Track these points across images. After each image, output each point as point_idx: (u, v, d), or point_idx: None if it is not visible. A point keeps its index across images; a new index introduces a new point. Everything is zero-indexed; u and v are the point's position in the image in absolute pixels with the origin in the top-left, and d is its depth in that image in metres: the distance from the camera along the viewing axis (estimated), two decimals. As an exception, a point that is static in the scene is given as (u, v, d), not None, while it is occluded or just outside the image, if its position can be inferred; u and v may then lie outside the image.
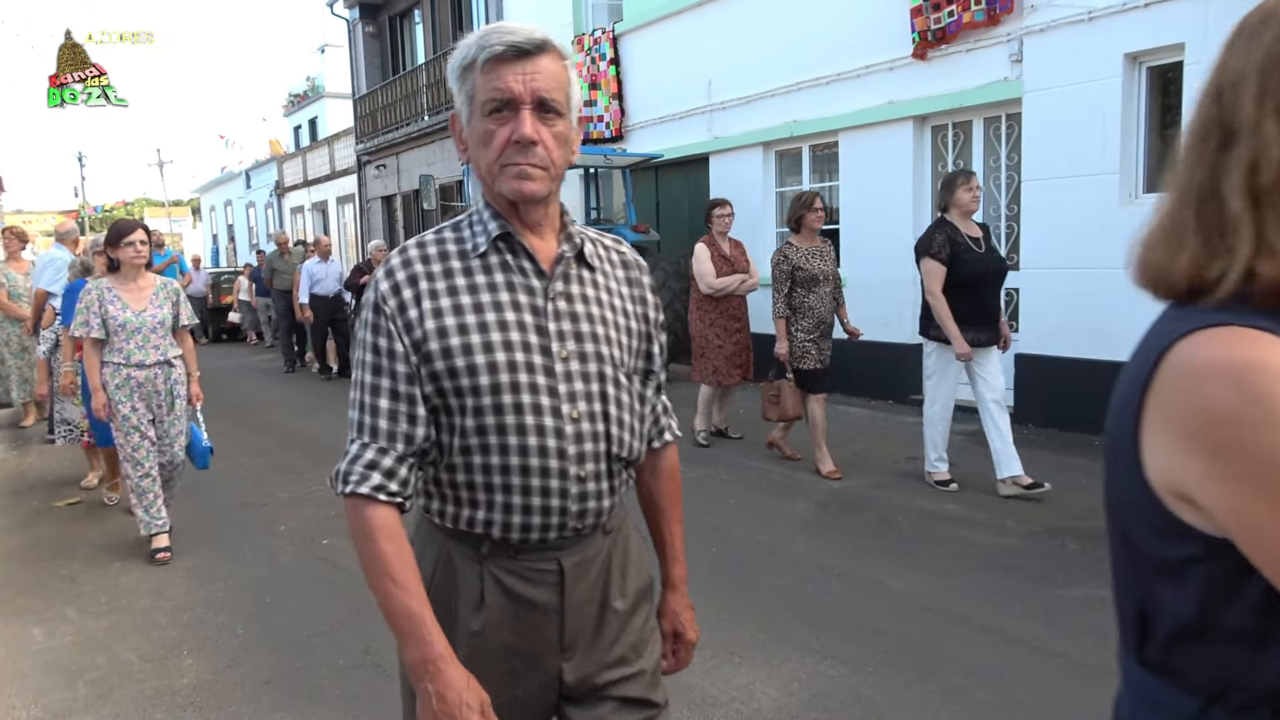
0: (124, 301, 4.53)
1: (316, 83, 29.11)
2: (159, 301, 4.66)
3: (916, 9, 7.50)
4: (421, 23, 17.71)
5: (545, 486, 1.36)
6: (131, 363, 4.51)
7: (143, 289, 4.62)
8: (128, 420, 4.54)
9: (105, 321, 4.47)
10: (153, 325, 4.58)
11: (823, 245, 5.89)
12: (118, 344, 4.51)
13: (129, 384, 4.53)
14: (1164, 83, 6.33)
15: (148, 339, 4.57)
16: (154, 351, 4.59)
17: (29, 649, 3.68)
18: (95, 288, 4.50)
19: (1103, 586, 3.86)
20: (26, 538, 5.19)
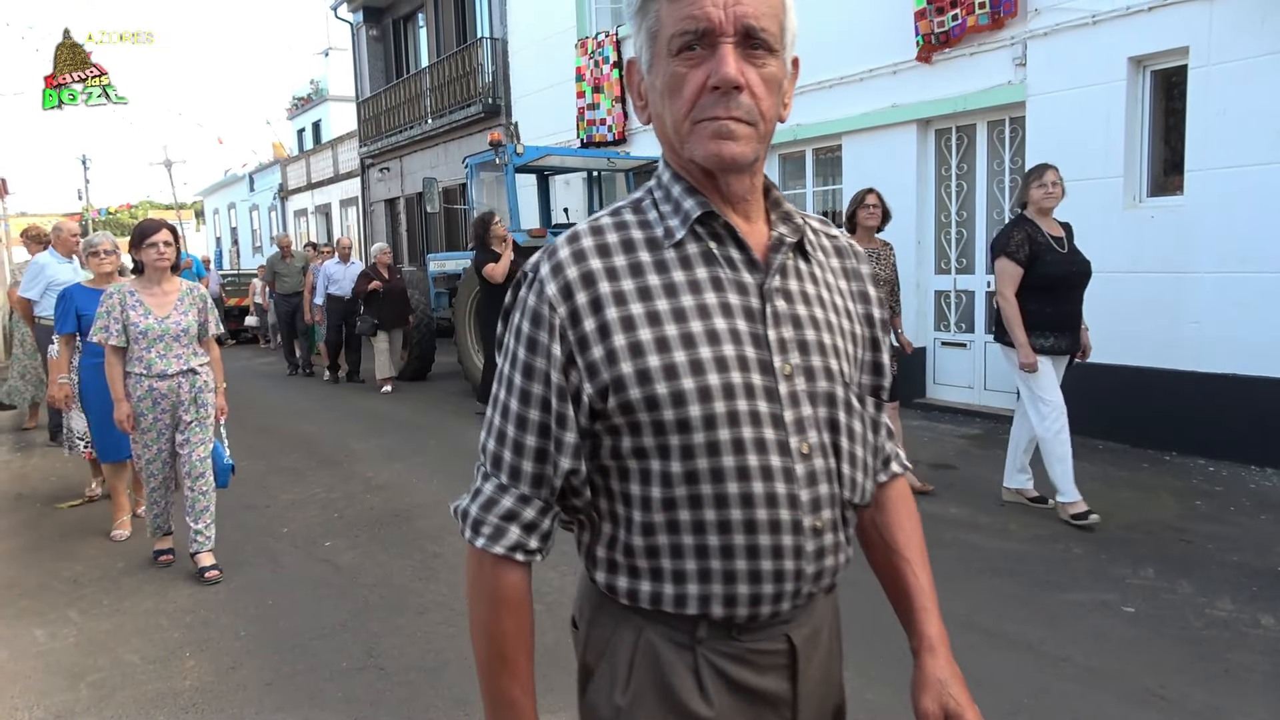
0: (146, 307, 4.28)
1: (320, 86, 29.18)
2: (184, 308, 4.39)
3: (920, 12, 7.51)
4: (425, 26, 17.74)
5: (777, 545, 1.06)
6: (153, 373, 4.26)
7: (167, 294, 4.36)
8: (147, 433, 4.34)
9: (126, 328, 4.23)
10: (176, 333, 4.30)
11: (880, 247, 5.33)
12: (138, 352, 4.26)
13: (151, 395, 4.28)
14: (1168, 86, 6.33)
15: (170, 347, 4.30)
16: (177, 361, 4.32)
17: (31, 650, 3.68)
18: (117, 291, 4.27)
19: (1106, 590, 3.86)
20: (30, 539, 5.19)
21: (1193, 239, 6.01)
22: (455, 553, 4.66)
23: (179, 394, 4.34)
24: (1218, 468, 5.77)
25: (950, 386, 8.03)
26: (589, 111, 11.90)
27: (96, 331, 4.23)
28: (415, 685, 3.25)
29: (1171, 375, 6.12)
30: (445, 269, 11.00)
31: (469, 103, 14.94)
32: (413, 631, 3.71)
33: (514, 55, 13.96)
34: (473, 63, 14.77)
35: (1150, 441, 6.22)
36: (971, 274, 7.78)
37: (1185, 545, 4.40)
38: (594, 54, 11.71)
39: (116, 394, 4.29)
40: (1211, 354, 5.97)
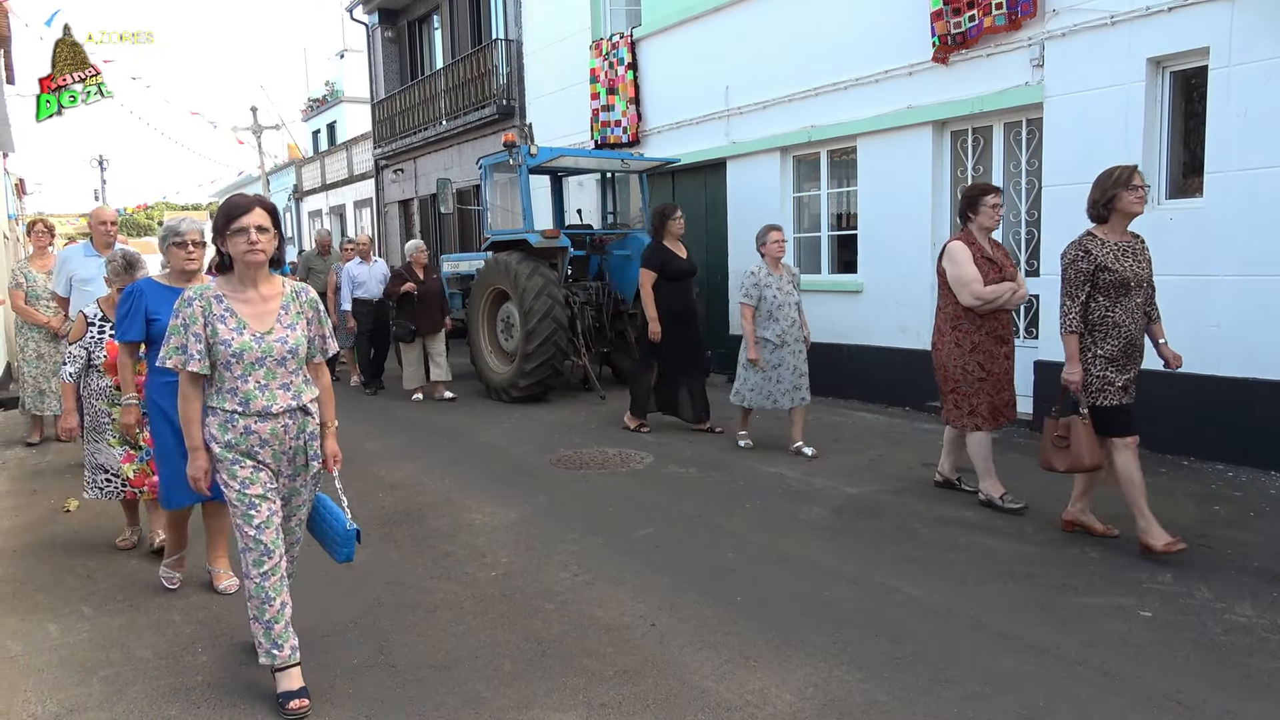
0: (240, 319, 3.09)
1: (335, 87, 29.31)
2: (290, 319, 3.18)
3: (936, 13, 7.47)
4: (440, 28, 17.80)
5: None
6: (251, 410, 3.06)
7: (267, 300, 3.16)
8: (246, 494, 3.08)
9: (211, 348, 3.06)
10: (282, 355, 3.11)
11: (1135, 241, 4.67)
12: (229, 382, 3.07)
13: (246, 441, 3.08)
14: (1188, 88, 6.27)
15: (274, 375, 3.11)
16: (284, 394, 3.12)
17: (45, 645, 3.69)
18: (198, 296, 3.08)
19: (1124, 595, 3.81)
20: (43, 535, 5.22)
21: (1212, 241, 5.95)
22: (466, 552, 4.66)
23: (284, 440, 3.15)
24: (1237, 473, 5.71)
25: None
26: (603, 113, 11.89)
27: (171, 354, 3.06)
28: (425, 683, 3.24)
29: (1190, 379, 6.05)
30: (459, 270, 11.01)
31: (483, 104, 14.97)
32: (423, 630, 3.71)
33: (528, 57, 13.98)
34: (487, 64, 14.80)
35: (1169, 446, 6.16)
36: (987, 276, 7.72)
37: (1204, 550, 4.35)
38: (609, 55, 11.71)
39: (194, 440, 3.12)
40: (1231, 358, 5.91)
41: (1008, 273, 5.14)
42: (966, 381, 5.08)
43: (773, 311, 6.44)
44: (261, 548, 3.09)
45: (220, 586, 4.23)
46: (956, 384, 5.12)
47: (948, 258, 5.11)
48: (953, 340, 5.12)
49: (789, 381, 6.47)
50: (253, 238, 3.03)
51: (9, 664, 3.52)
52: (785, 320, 6.44)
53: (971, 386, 5.08)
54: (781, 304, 6.43)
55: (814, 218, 9.55)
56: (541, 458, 6.75)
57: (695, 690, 3.12)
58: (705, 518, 5.15)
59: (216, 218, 3.09)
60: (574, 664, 3.36)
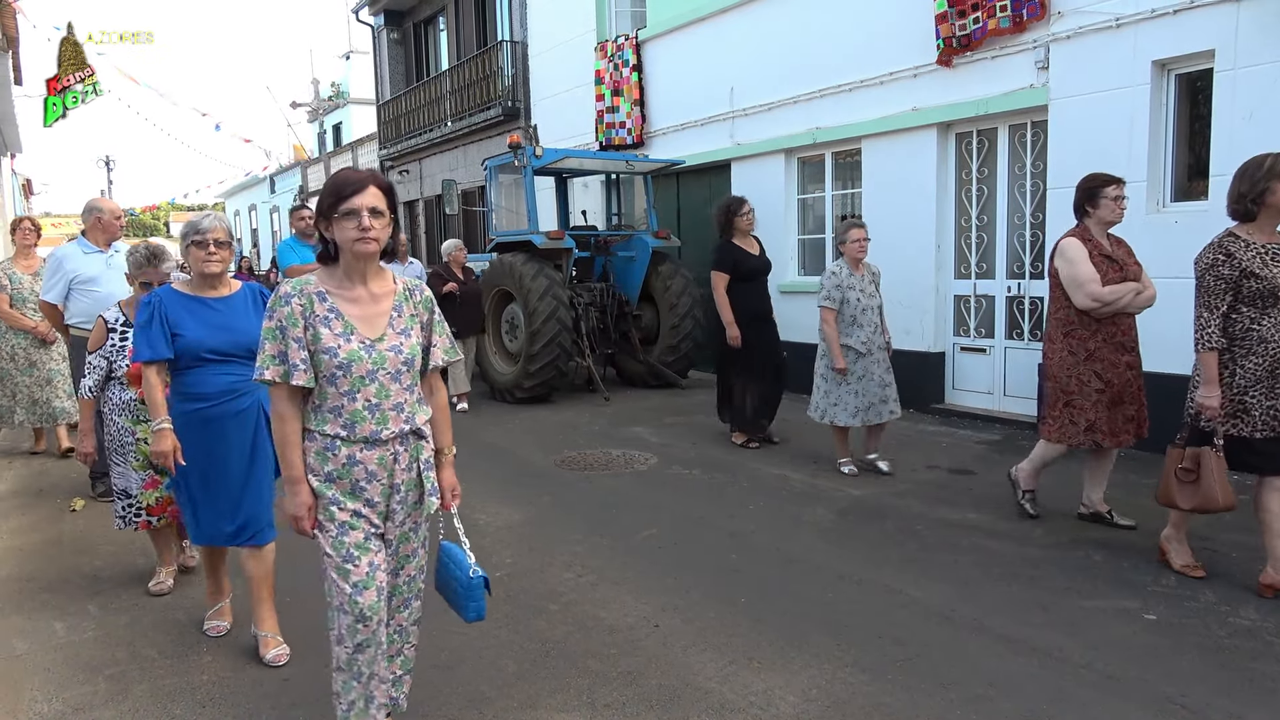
0: (348, 322, 2.50)
1: (341, 88, 29.37)
2: (404, 322, 2.59)
3: (941, 15, 7.47)
4: (446, 30, 17.83)
5: None
6: (358, 436, 2.48)
7: (378, 299, 2.57)
8: (343, 544, 2.49)
9: (315, 356, 2.47)
10: (396, 367, 2.53)
11: None
12: (333, 399, 2.48)
13: (350, 474, 2.49)
14: (1193, 90, 6.26)
15: (386, 391, 2.51)
16: (395, 415, 2.53)
17: (51, 643, 3.70)
18: (297, 293, 2.48)
19: (1128, 598, 3.81)
20: (50, 534, 5.23)
21: (1217, 244, 5.93)
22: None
23: (394, 472, 2.56)
24: (1242, 476, 5.68)
25: (969, 392, 7.97)
26: (608, 114, 11.91)
27: (266, 364, 2.45)
28: (431, 683, 3.25)
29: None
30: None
31: (488, 105, 15.00)
32: (428, 630, 3.70)
33: (534, 59, 14.00)
34: (492, 66, 14.82)
35: (1172, 449, 6.14)
36: (991, 279, 7.72)
37: (1208, 553, 4.34)
38: (614, 57, 11.73)
39: (294, 469, 2.49)
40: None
41: (1130, 272, 4.57)
42: (1083, 394, 4.52)
43: (856, 316, 5.82)
44: (358, 611, 2.47)
45: (267, 657, 3.46)
46: (1070, 396, 4.56)
47: (1060, 255, 4.59)
48: (1065, 348, 4.58)
49: (875, 394, 5.85)
50: (364, 222, 2.42)
51: (15, 662, 3.53)
52: (869, 326, 5.84)
53: (1088, 399, 4.52)
54: (865, 308, 5.84)
55: (818, 219, 9.55)
56: (546, 459, 6.76)
57: (699, 691, 3.13)
58: (709, 519, 5.15)
59: (322, 196, 2.52)
60: (578, 665, 3.37)
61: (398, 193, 20.01)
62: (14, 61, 9.62)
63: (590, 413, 8.65)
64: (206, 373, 3.43)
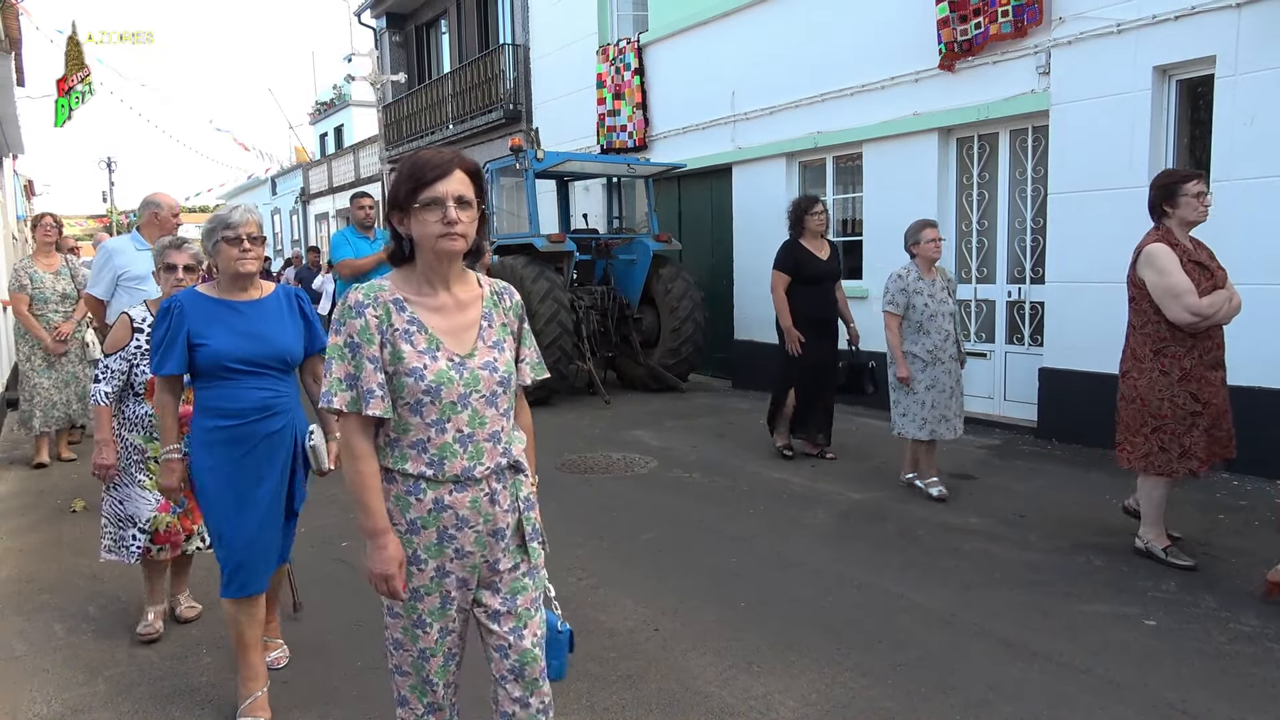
0: (433, 335, 2.06)
1: (343, 91, 29.40)
2: (495, 334, 2.15)
3: (943, 20, 7.48)
4: (448, 32, 17.87)
5: None
6: (447, 474, 2.03)
7: (464, 307, 2.14)
8: (415, 609, 2.09)
9: (394, 379, 2.01)
10: (491, 389, 2.08)
11: None
12: (417, 431, 2.03)
13: (437, 522, 2.04)
14: (1194, 96, 6.27)
15: (480, 418, 2.06)
16: (491, 447, 2.08)
17: (50, 644, 3.70)
18: (371, 300, 2.03)
19: (1128, 603, 3.81)
20: (50, 535, 5.23)
21: (1218, 249, 5.86)
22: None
23: (491, 517, 2.09)
24: (1242, 482, 5.70)
25: (970, 396, 7.93)
26: (609, 118, 11.92)
27: (334, 391, 1.99)
28: (430, 686, 3.24)
29: (1195, 387, 6.04)
30: None
31: (490, 108, 15.02)
32: (428, 632, 3.71)
33: (535, 62, 14.01)
34: (494, 69, 14.85)
35: (1173, 454, 6.14)
36: (992, 283, 7.73)
37: (1209, 559, 4.34)
38: (615, 60, 11.74)
39: (377, 522, 2.01)
40: (1237, 366, 5.84)
41: (1219, 278, 4.17)
42: (1177, 418, 4.10)
43: (923, 323, 5.39)
44: (421, 679, 2.15)
45: (268, 660, 3.35)
46: (1163, 421, 4.13)
47: (1148, 264, 4.15)
48: (1156, 368, 4.14)
49: (948, 406, 5.43)
50: (450, 214, 1.98)
51: (15, 663, 3.53)
52: (938, 334, 5.38)
53: (1183, 423, 4.10)
54: (934, 314, 5.38)
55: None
56: (546, 462, 6.76)
57: (699, 695, 3.12)
58: (709, 522, 5.15)
59: (398, 182, 2.03)
60: (578, 668, 3.36)
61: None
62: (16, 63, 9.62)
63: (591, 416, 8.65)
64: (235, 386, 2.95)
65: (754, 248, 9.92)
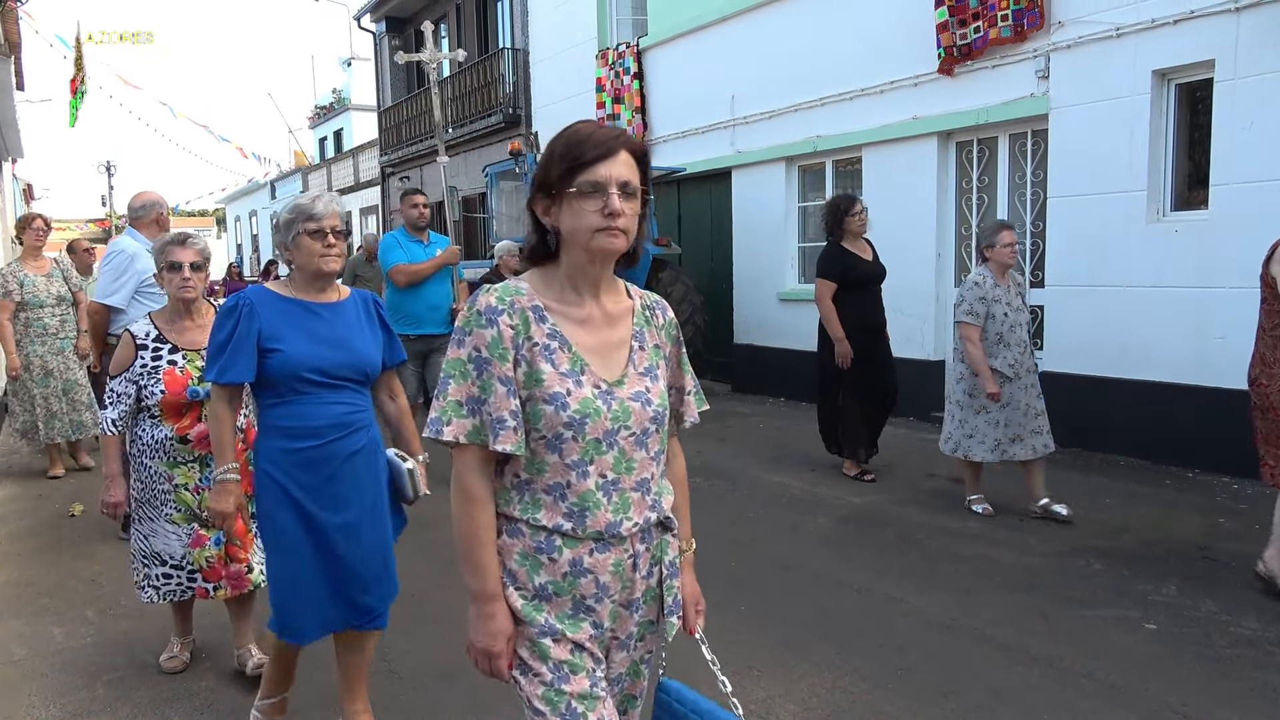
0: (577, 354, 1.65)
1: (342, 95, 29.44)
2: (648, 357, 1.75)
3: (942, 25, 7.49)
4: (447, 37, 17.88)
5: None
6: (589, 530, 1.62)
7: (614, 321, 1.73)
8: (562, 695, 1.63)
9: (530, 405, 1.61)
10: (643, 424, 1.68)
11: None
12: (554, 473, 1.63)
13: (573, 589, 1.65)
14: (1193, 100, 6.28)
15: (629, 462, 1.66)
16: (639, 499, 1.68)
17: (49, 649, 3.70)
18: (505, 305, 1.63)
19: (1128, 608, 3.80)
20: (49, 539, 5.23)
21: (1218, 253, 5.95)
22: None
23: (631, 587, 1.72)
24: (1242, 485, 5.70)
25: (969, 400, 7.96)
26: (609, 122, 11.93)
27: (449, 416, 1.60)
28: (429, 690, 3.24)
29: (1196, 391, 6.05)
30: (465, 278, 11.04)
31: (490, 112, 15.03)
32: (428, 637, 3.71)
33: (535, 66, 14.03)
34: (494, 73, 14.86)
35: (1173, 458, 6.15)
36: (992, 287, 7.72)
37: (1209, 563, 4.34)
38: (615, 65, 11.76)
39: (489, 585, 1.63)
40: (1236, 370, 5.85)
41: None
42: None
43: (1002, 334, 4.95)
44: None
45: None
46: None
47: None
48: None
49: (1022, 424, 4.97)
50: (613, 204, 1.57)
51: (13, 668, 3.53)
52: (1018, 345, 4.97)
53: None
54: (1014, 324, 4.97)
55: (818, 228, 9.55)
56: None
57: (699, 699, 3.12)
58: (710, 526, 5.15)
59: (548, 161, 1.63)
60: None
61: (395, 198, 20.07)
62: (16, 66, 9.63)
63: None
64: (311, 401, 2.59)
65: (753, 251, 9.93)
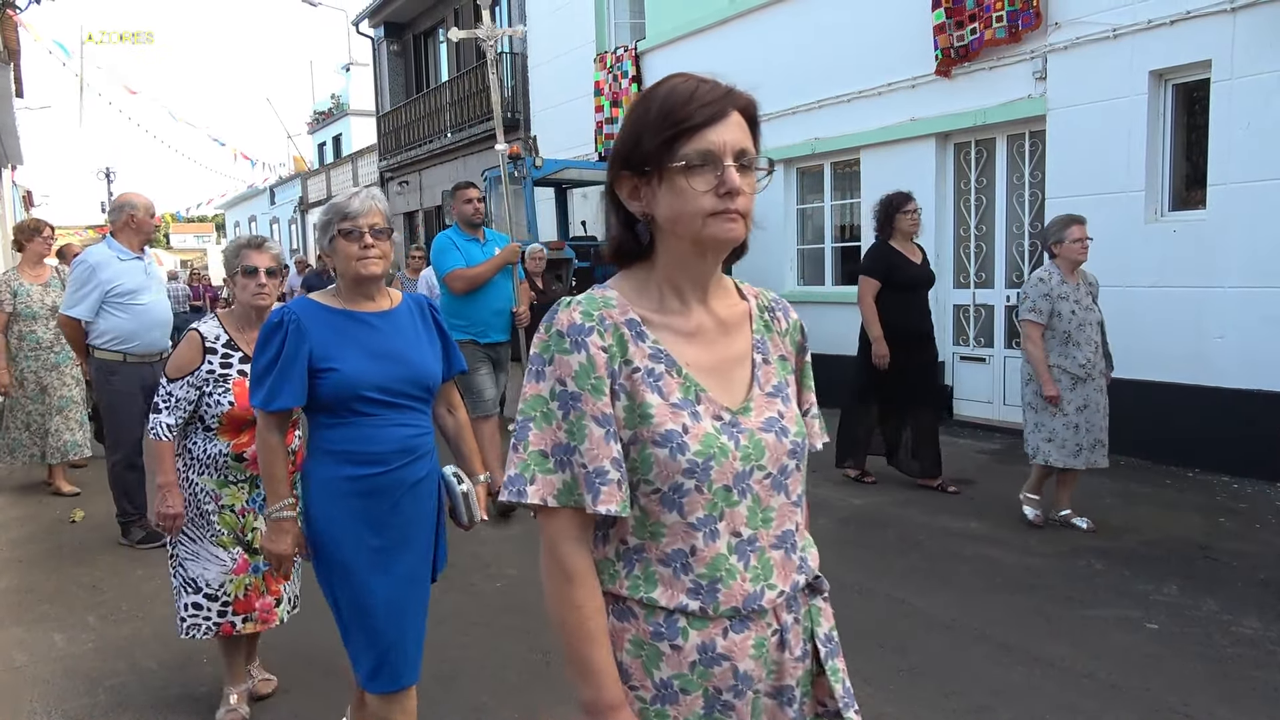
0: (690, 377, 1.26)
1: (341, 100, 29.48)
2: (775, 373, 1.34)
3: (939, 26, 7.50)
4: (445, 41, 17.91)
5: None
6: (722, 607, 1.21)
7: (729, 331, 1.34)
8: None
9: (635, 448, 1.21)
10: (780, 461, 1.27)
11: None
12: (673, 536, 1.22)
13: (706, 681, 1.23)
14: (1190, 101, 6.29)
15: (765, 513, 1.25)
16: (784, 559, 1.28)
17: (50, 655, 3.69)
18: (595, 319, 1.23)
19: (1129, 608, 3.81)
20: (49, 545, 5.22)
21: (1216, 253, 5.96)
22: (471, 563, 4.66)
23: (779, 671, 1.30)
24: (1242, 484, 5.70)
25: (969, 401, 7.97)
26: (607, 125, 11.95)
27: (532, 469, 1.20)
28: (430, 694, 3.23)
29: (1195, 391, 6.06)
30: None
31: (488, 117, 15.04)
32: (429, 641, 3.68)
33: (533, 70, 14.05)
34: (492, 77, 14.88)
35: (1173, 458, 6.15)
36: (991, 288, 7.74)
37: (1209, 562, 4.34)
38: (613, 68, 11.78)
39: (606, 691, 1.23)
40: (1236, 369, 5.90)
41: None
42: None
43: (1070, 333, 4.78)
44: None
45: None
46: None
47: None
48: None
49: (1101, 429, 4.82)
50: (731, 180, 1.26)
51: (14, 674, 3.53)
52: (1088, 345, 4.80)
53: None
54: (1083, 323, 4.79)
55: (817, 230, 9.57)
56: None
57: (700, 702, 3.11)
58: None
59: (638, 127, 1.26)
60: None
61: (394, 203, 20.04)
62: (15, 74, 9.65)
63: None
64: (371, 424, 2.30)
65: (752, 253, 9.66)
